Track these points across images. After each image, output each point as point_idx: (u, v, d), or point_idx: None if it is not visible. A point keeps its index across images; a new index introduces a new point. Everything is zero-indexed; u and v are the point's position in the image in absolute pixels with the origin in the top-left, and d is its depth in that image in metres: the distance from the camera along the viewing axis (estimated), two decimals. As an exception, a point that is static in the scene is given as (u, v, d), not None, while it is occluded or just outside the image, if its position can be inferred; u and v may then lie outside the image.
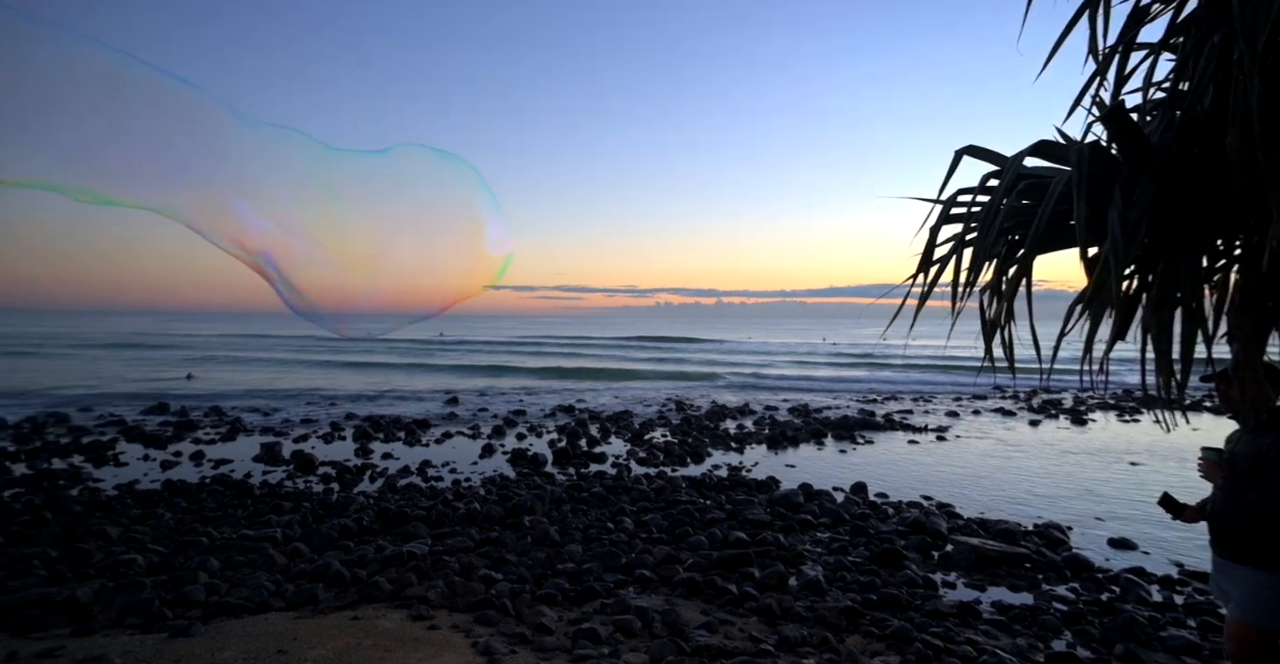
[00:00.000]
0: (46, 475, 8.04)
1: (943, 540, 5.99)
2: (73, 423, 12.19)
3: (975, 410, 15.53)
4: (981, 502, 7.47)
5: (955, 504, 7.27)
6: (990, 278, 2.08)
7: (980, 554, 5.46)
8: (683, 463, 9.68)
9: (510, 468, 9.21)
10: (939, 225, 2.09)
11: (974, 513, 6.94)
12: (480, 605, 4.32)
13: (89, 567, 4.87)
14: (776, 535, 5.89)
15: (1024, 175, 1.88)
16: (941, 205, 2.09)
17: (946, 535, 6.05)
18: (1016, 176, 1.84)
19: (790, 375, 24.44)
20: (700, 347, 43.93)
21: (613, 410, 15.05)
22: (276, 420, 13.03)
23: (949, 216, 2.10)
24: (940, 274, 2.11)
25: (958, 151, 2.00)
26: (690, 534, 6.00)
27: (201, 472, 8.58)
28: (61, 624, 3.87)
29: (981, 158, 2.00)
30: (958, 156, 2.00)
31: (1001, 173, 1.87)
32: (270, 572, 4.89)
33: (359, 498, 7.18)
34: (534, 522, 6.30)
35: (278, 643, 3.52)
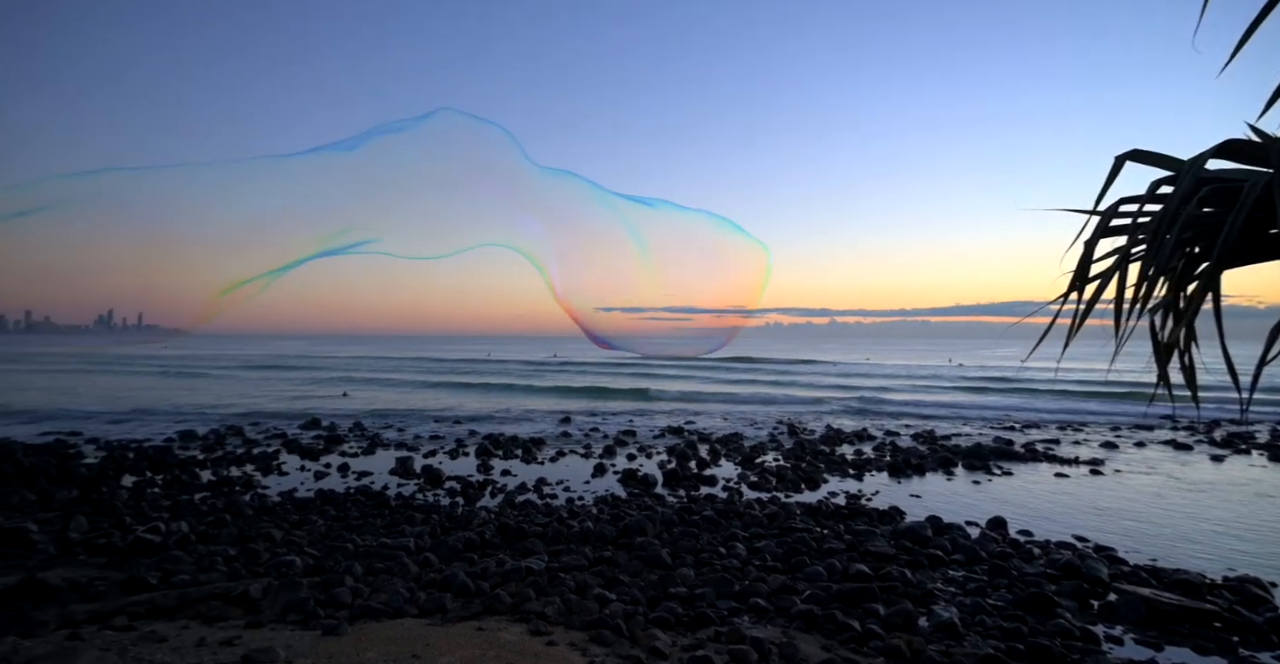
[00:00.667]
0: (225, 482, 9.23)
1: (1103, 588, 5.29)
2: (246, 435, 13.94)
3: (1138, 442, 13.67)
4: (1151, 547, 6.53)
5: (1117, 548, 6.41)
6: (1164, 295, 1.83)
7: (1153, 607, 4.76)
8: (796, 489, 9.32)
9: (621, 488, 9.32)
10: (1096, 238, 1.87)
11: (1142, 559, 6.08)
12: (595, 625, 4.37)
13: (258, 565, 5.50)
14: (903, 571, 5.48)
15: (1205, 180, 1.65)
16: (1100, 216, 1.87)
17: (1108, 583, 5.34)
18: (1196, 181, 1.61)
19: (913, 400, 22.83)
20: (813, 368, 42.25)
21: (722, 432, 14.85)
22: (409, 436, 14.10)
23: (1108, 229, 1.88)
24: (1099, 292, 1.89)
25: (1119, 157, 1.79)
26: (807, 564, 5.74)
27: (346, 483, 9.45)
28: (238, 616, 4.39)
29: (1148, 163, 1.78)
30: (1119, 162, 1.79)
31: (1177, 178, 1.65)
32: (405, 579, 5.25)
33: (481, 512, 7.57)
34: (645, 543, 6.31)
35: (412, 648, 3.76)
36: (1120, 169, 1.79)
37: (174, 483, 9.17)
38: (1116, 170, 1.79)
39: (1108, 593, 5.21)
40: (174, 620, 4.30)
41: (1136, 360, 2.04)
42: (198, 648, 3.63)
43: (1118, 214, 1.87)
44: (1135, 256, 1.82)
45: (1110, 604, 5.00)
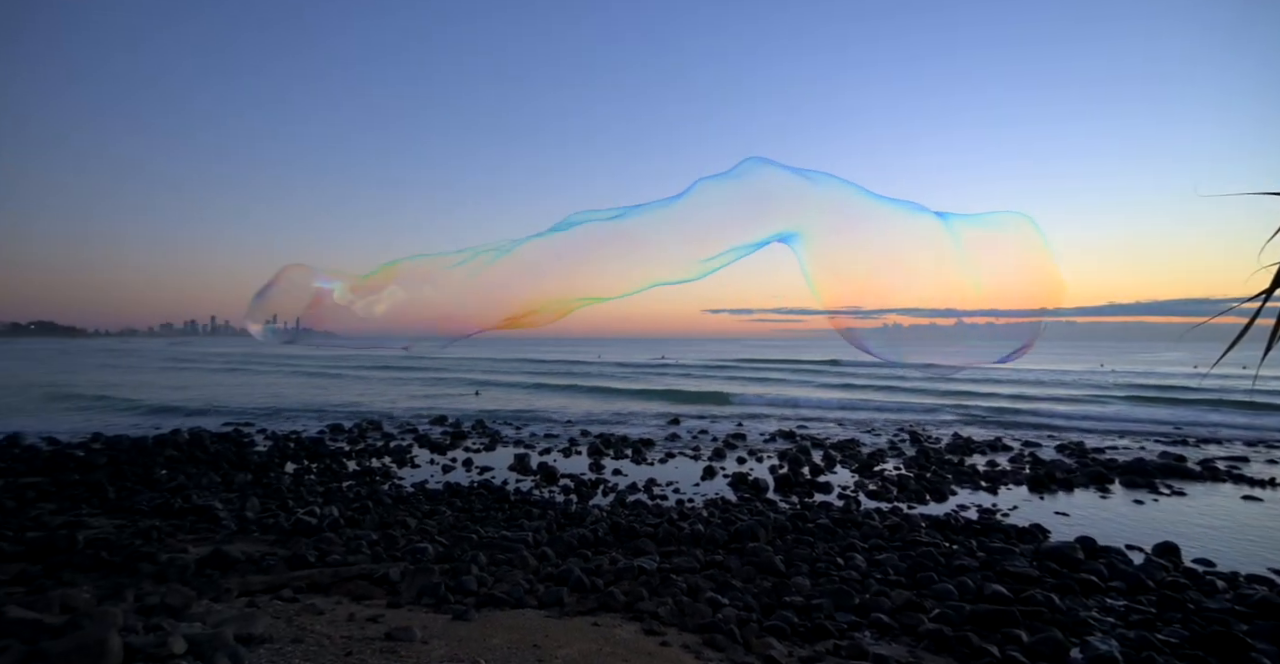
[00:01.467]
0: (368, 472, 10.17)
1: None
2: (384, 429, 15.30)
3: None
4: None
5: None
6: None
7: (1381, 659, 3.96)
8: (920, 500, 8.73)
9: (731, 491, 9.21)
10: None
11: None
12: (708, 628, 4.34)
13: (396, 550, 6.00)
14: (1049, 595, 4.95)
15: None
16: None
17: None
18: None
19: (1056, 409, 20.59)
20: (940, 372, 39.41)
21: (837, 438, 14.24)
22: (525, 434, 14.81)
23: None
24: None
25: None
26: (935, 580, 5.36)
27: (470, 477, 10.09)
28: (380, 596, 4.82)
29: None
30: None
31: None
32: (524, 571, 5.51)
33: (594, 510, 7.78)
34: (758, 548, 6.18)
35: (533, 638, 3.92)
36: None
37: (326, 471, 10.25)
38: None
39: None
40: (328, 596, 4.79)
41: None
42: (349, 622, 4.02)
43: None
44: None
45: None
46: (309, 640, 3.56)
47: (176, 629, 3.36)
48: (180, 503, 7.75)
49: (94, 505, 7.79)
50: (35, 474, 9.56)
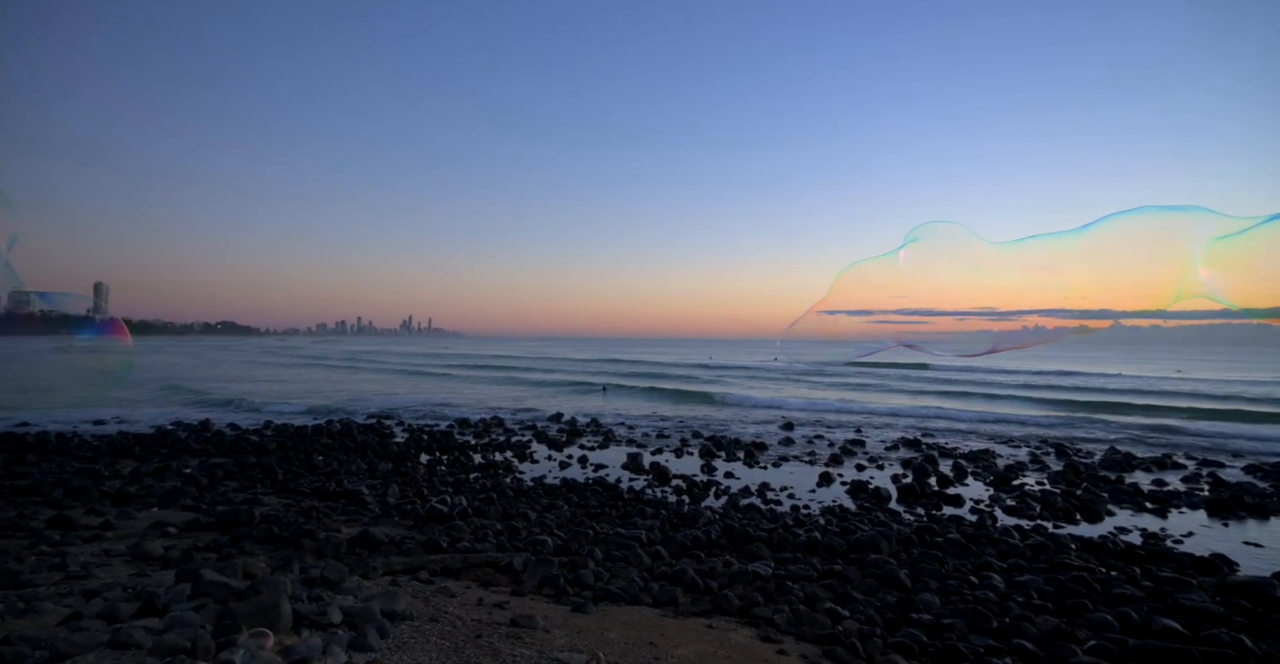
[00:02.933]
0: (492, 465, 10.82)
1: None
2: (506, 425, 16.19)
3: None
4: None
5: None
6: None
7: None
8: (1069, 519, 7.86)
9: (850, 499, 8.80)
10: None
11: None
12: (828, 640, 4.17)
13: (518, 541, 6.31)
14: (1237, 636, 4.26)
15: None
16: None
17: None
18: None
19: (1243, 425, 17.69)
20: (1087, 378, 35.27)
21: (968, 448, 13.18)
22: (638, 434, 15.05)
23: None
24: None
25: None
26: (1088, 609, 4.80)
27: (585, 474, 10.41)
28: (505, 583, 5.09)
29: None
30: None
31: None
32: (639, 568, 5.59)
33: (706, 512, 7.74)
34: (880, 561, 5.85)
35: (649, 635, 3.97)
36: None
37: (455, 463, 11.01)
38: None
39: None
40: (459, 580, 5.14)
41: None
42: (477, 606, 4.28)
43: None
44: None
45: None
46: (444, 621, 3.83)
47: (334, 600, 3.76)
48: (334, 487, 8.65)
49: (266, 485, 8.90)
50: (222, 455, 11.10)
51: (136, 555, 5.31)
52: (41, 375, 29.67)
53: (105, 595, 3.94)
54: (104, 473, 9.25)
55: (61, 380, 27.45)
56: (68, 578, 4.54)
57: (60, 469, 9.46)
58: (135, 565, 5.09)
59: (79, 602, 3.82)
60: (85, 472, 9.29)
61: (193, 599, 3.60)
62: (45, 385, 24.71)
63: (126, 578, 4.59)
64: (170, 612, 3.38)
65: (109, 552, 5.46)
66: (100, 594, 3.99)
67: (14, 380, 26.78)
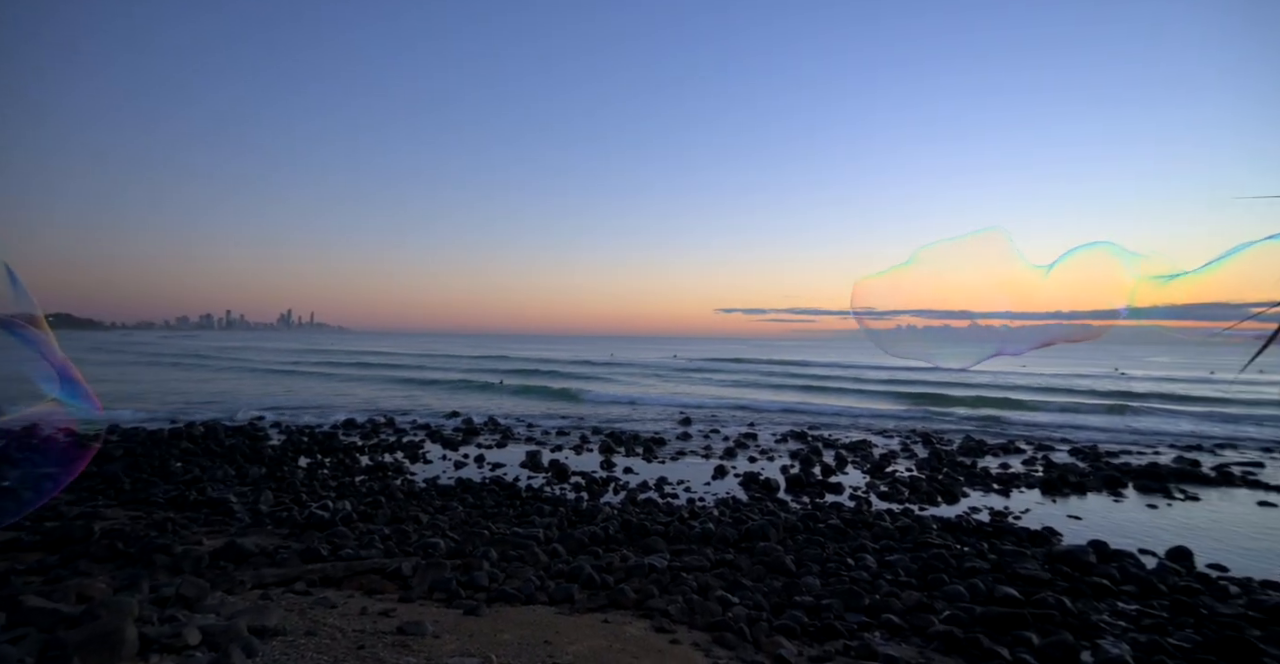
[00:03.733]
0: (380, 467, 10.25)
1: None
2: (397, 425, 15.40)
3: (1375, 465, 11.27)
4: (1397, 593, 5.35)
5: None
6: None
7: (1403, 668, 3.89)
8: (932, 502, 8.68)
9: (742, 491, 9.19)
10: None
11: (1385, 608, 5.00)
12: (718, 627, 4.34)
13: (408, 545, 6.04)
14: (1060, 598, 4.91)
15: None
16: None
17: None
18: None
19: (1067, 408, 20.46)
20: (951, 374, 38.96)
21: (849, 439, 14.18)
22: (537, 432, 14.85)
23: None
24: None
25: None
26: (945, 582, 5.33)
27: (482, 473, 10.14)
28: (392, 590, 4.85)
29: None
30: None
31: None
32: (535, 567, 5.53)
33: (605, 508, 7.80)
34: (768, 548, 6.17)
35: (544, 634, 3.94)
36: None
37: (339, 466, 10.33)
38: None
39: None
40: (341, 589, 4.84)
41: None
42: (361, 616, 4.05)
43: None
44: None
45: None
46: (322, 633, 3.60)
47: (191, 620, 3.42)
48: (195, 495, 7.84)
49: (110, 497, 7.91)
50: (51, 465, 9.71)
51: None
52: None
53: (-106, 633, 3.34)
54: (-105, 488, 7.80)
55: None
56: None
57: None
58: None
59: None
60: None
61: (9, 630, 3.14)
62: None
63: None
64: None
65: (-99, 581, 4.63)
66: (-112, 632, 3.37)
67: None
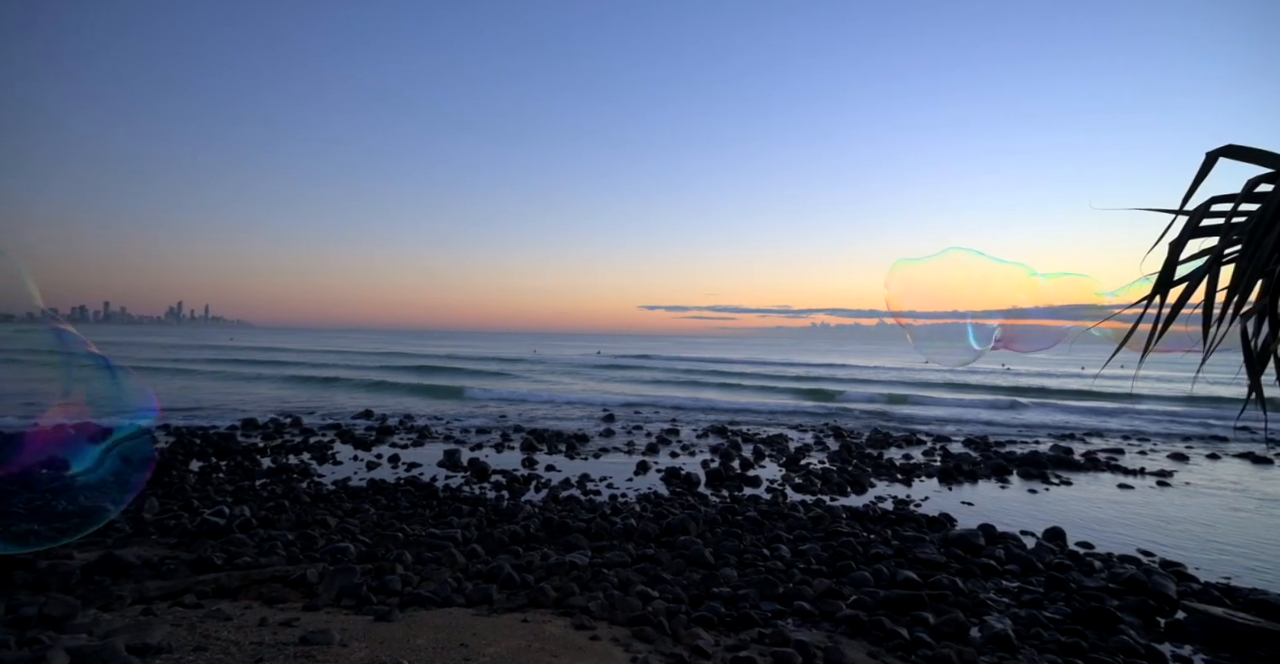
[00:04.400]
0: (284, 469, 9.63)
1: (1170, 606, 5.02)
2: (304, 424, 14.52)
3: (1212, 455, 12.90)
4: (1225, 565, 6.17)
5: (1185, 564, 6.07)
6: (1259, 299, 1.70)
7: (1227, 627, 4.48)
8: (843, 492, 9.14)
9: (664, 486, 9.32)
10: (1184, 239, 1.75)
11: (1214, 577, 5.74)
12: (638, 621, 4.38)
13: (315, 550, 5.72)
14: (953, 579, 5.31)
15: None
16: (1190, 215, 1.75)
17: (1175, 600, 5.06)
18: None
19: (961, 403, 22.16)
20: (861, 372, 41.26)
21: (766, 434, 14.68)
22: (456, 429, 14.44)
23: (1197, 229, 1.76)
24: (1186, 296, 1.77)
25: (1211, 153, 1.66)
26: (853, 569, 5.63)
27: (397, 473, 9.74)
28: (296, 599, 4.58)
29: (1245, 159, 1.65)
30: (1211, 158, 1.66)
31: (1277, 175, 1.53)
32: (453, 569, 5.38)
33: (526, 506, 7.69)
34: (688, 542, 6.30)
35: (460, 637, 3.84)
36: (1212, 166, 1.67)
37: (237, 469, 9.62)
38: (1208, 167, 1.66)
39: (1175, 611, 4.94)
40: (237, 600, 4.52)
41: (1216, 370, 1.92)
42: (259, 627, 3.80)
43: (1209, 214, 1.74)
44: (1229, 258, 1.70)
45: (1178, 623, 4.73)
46: (214, 648, 3.35)
47: (57, 641, 3.09)
48: (65, 505, 7.07)
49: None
50: None
51: None
52: None
53: None
54: None
55: None
56: None
57: None
58: None
59: None
60: None
61: None
62: None
63: None
64: None
65: None
66: None
67: None
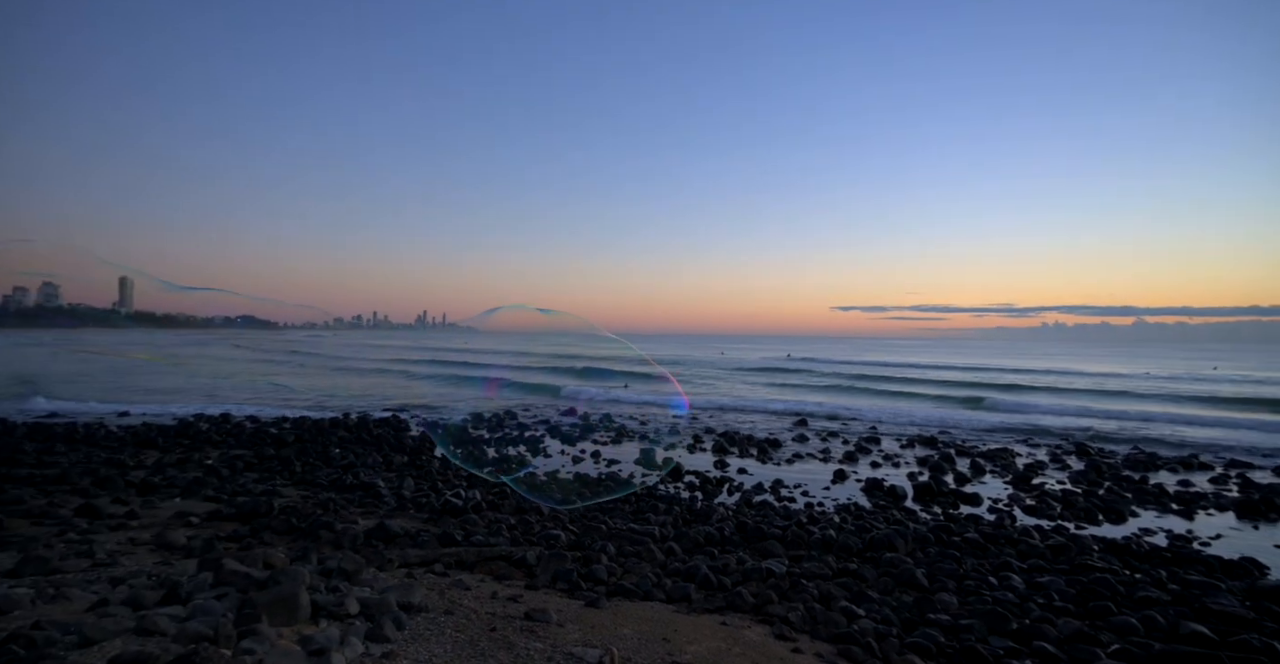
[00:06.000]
0: (505, 460, 10.86)
1: None
2: (519, 419, 16.27)
3: None
4: None
5: None
6: None
7: None
8: (1091, 520, 7.73)
9: (865, 498, 8.73)
10: None
11: None
12: (843, 639, 4.13)
13: (532, 535, 6.34)
14: (1268, 642, 4.16)
15: None
16: None
17: None
18: None
19: (1258, 425, 17.35)
20: (1108, 380, 34.48)
21: (986, 447, 13.01)
22: (650, 429, 15.05)
23: None
24: None
25: None
26: (1113, 612, 4.71)
27: (598, 469, 10.42)
28: (518, 577, 5.11)
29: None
30: None
31: None
32: (652, 564, 5.58)
33: (719, 508, 7.72)
34: (896, 559, 5.80)
35: (662, 631, 3.96)
36: None
37: (468, 457, 11.08)
38: None
39: None
40: (473, 573, 5.17)
41: None
42: (491, 600, 4.30)
43: None
44: None
45: None
46: (458, 613, 3.86)
47: (351, 592, 3.79)
48: (350, 479, 8.75)
49: (285, 477, 9.03)
50: (241, 447, 11.28)
51: (160, 544, 5.41)
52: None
53: (131, 583, 4.01)
54: (129, 463, 9.44)
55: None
56: (95, 565, 4.64)
57: (88, 459, 9.67)
58: (159, 554, 5.18)
59: (106, 588, 3.89)
60: (111, 462, 9.48)
61: (214, 588, 3.66)
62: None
63: (151, 566, 4.67)
64: (193, 600, 3.43)
65: (134, 540, 5.57)
66: (126, 581, 4.06)
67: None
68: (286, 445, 11.45)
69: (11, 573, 4.29)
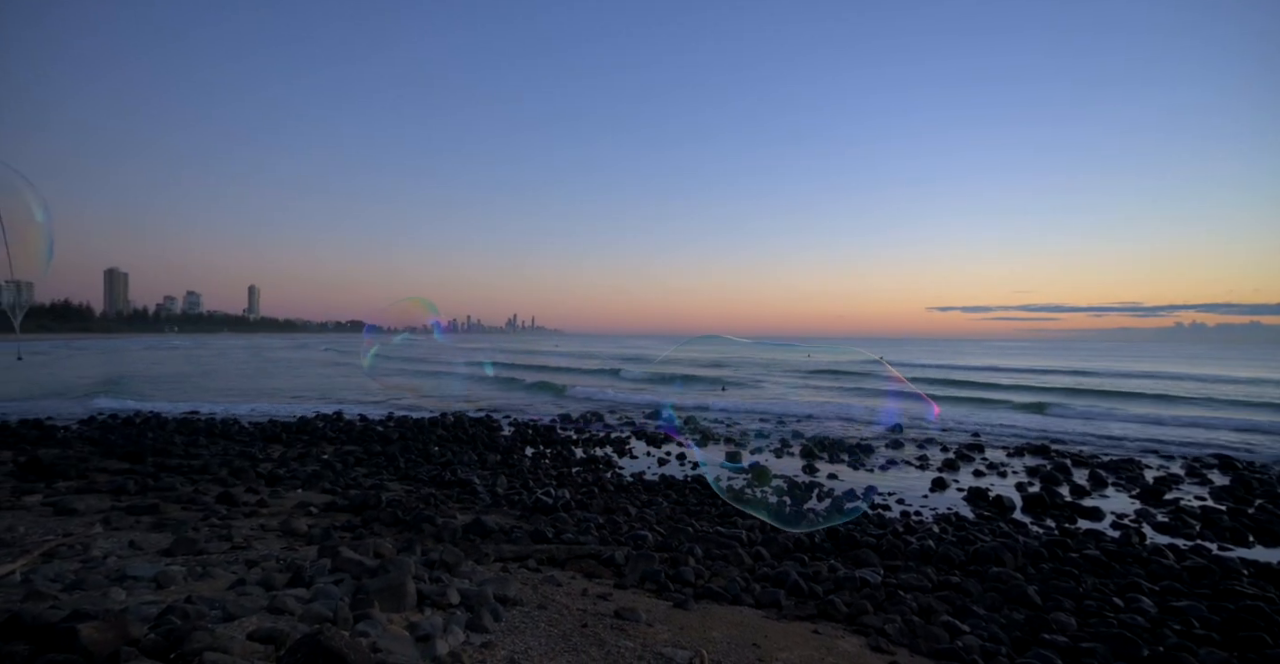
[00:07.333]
0: (593, 460, 11.10)
1: None
2: (605, 420, 16.56)
3: None
4: None
5: None
6: None
7: None
8: (1240, 541, 6.89)
9: (967, 507, 8.21)
10: None
11: None
12: (946, 655, 3.91)
13: (620, 534, 6.43)
14: None
15: None
16: None
17: None
18: None
19: None
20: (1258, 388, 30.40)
21: (1108, 458, 11.88)
22: (736, 433, 14.87)
23: None
24: None
25: None
26: (1268, 645, 4.18)
27: (684, 471, 10.42)
28: (607, 576, 5.21)
29: None
30: None
31: None
32: (740, 568, 5.52)
33: (809, 514, 7.50)
34: (1004, 575, 5.42)
35: (752, 636, 3.91)
36: None
37: (558, 457, 11.41)
38: None
39: None
40: (564, 570, 5.32)
41: None
42: (582, 597, 4.41)
43: None
44: None
45: None
46: (551, 608, 3.99)
47: (452, 583, 4.01)
48: (449, 476, 9.24)
49: (391, 472, 9.67)
50: (353, 443, 12.19)
51: (286, 531, 5.95)
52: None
53: (263, 565, 4.45)
54: (258, 456, 10.44)
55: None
56: (233, 548, 5.17)
57: (225, 451, 10.78)
58: (285, 540, 5.70)
59: (242, 569, 4.34)
60: (244, 454, 10.53)
61: (333, 573, 3.98)
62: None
63: (279, 550, 5.15)
64: (315, 583, 3.75)
65: (264, 526, 6.16)
66: (259, 564, 4.51)
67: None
68: (391, 442, 12.25)
69: (167, 552, 4.87)
